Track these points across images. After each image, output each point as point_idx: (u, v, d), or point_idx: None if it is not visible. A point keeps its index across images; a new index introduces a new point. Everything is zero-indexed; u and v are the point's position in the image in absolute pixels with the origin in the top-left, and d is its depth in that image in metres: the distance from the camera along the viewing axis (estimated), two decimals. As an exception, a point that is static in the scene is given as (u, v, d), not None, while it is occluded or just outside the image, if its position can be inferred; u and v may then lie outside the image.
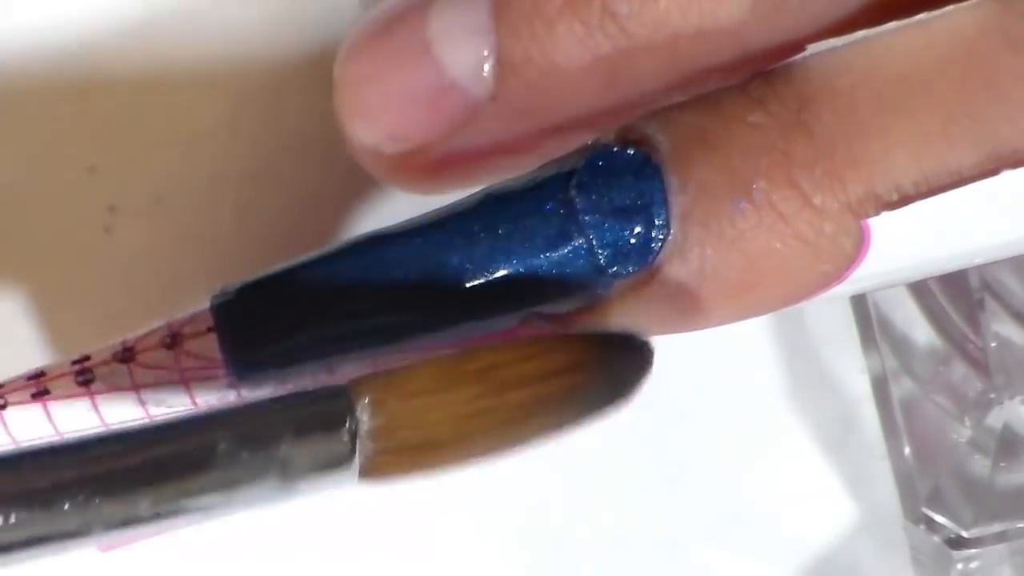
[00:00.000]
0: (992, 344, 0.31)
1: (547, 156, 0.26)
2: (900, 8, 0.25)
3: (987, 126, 0.24)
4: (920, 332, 0.32)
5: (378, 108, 0.26)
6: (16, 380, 0.26)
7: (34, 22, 0.30)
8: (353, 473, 0.23)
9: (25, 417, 0.26)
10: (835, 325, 0.32)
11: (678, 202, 0.24)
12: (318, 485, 0.23)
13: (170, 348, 0.25)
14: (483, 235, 0.25)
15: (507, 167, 0.26)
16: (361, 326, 0.25)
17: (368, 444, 0.23)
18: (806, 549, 0.33)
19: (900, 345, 0.32)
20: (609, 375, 0.24)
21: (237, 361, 0.25)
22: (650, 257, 0.25)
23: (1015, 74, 0.24)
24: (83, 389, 0.26)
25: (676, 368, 0.31)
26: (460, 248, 0.25)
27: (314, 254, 0.25)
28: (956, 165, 0.24)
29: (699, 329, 0.26)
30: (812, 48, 0.25)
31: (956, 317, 0.31)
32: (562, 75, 0.25)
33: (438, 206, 0.25)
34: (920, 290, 0.32)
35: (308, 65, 0.30)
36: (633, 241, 0.25)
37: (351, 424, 0.23)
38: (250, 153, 0.30)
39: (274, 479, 0.22)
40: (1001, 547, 0.31)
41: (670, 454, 0.32)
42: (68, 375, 0.26)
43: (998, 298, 0.31)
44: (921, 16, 0.24)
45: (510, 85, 0.26)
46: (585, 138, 0.25)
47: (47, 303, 0.30)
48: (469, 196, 0.25)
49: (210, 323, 0.25)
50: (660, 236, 0.25)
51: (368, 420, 0.23)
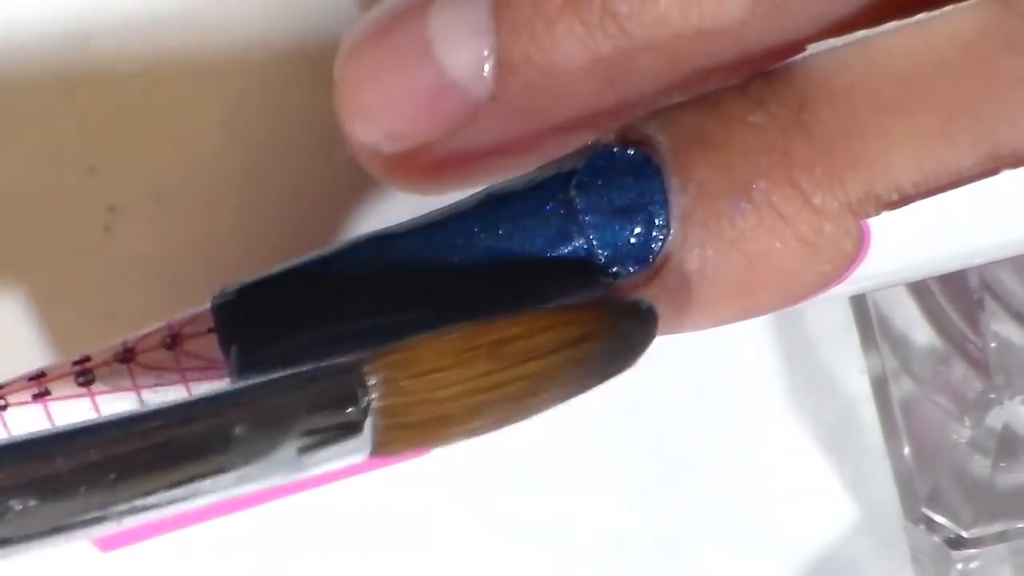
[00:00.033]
0: (992, 344, 0.31)
1: (547, 156, 0.25)
2: (900, 8, 0.25)
3: (987, 126, 0.24)
4: (920, 332, 0.32)
5: (378, 108, 0.26)
6: (17, 381, 0.26)
7: (34, 22, 0.30)
8: (365, 449, 0.23)
9: (26, 417, 0.26)
10: (835, 325, 0.32)
11: (678, 202, 0.24)
12: (331, 461, 0.23)
13: (170, 348, 0.25)
14: (483, 235, 0.25)
15: (507, 167, 0.26)
16: (361, 326, 0.25)
17: (379, 420, 0.23)
18: (806, 549, 0.33)
19: (900, 345, 0.32)
20: (619, 343, 0.24)
21: (237, 361, 0.25)
22: (650, 257, 0.25)
23: (1015, 74, 0.24)
24: (84, 390, 0.26)
25: (676, 368, 0.31)
26: (460, 248, 0.25)
27: (314, 254, 0.25)
28: (956, 165, 0.24)
29: (699, 329, 0.26)
30: (812, 48, 0.25)
31: (956, 317, 0.31)
32: (562, 75, 0.25)
33: (438, 206, 0.25)
34: (920, 290, 0.32)
35: (308, 65, 0.30)
36: (633, 241, 0.25)
37: (363, 400, 0.23)
38: (250, 153, 0.30)
39: (287, 456, 0.22)
40: (1001, 547, 0.31)
41: (670, 454, 0.32)
42: (69, 376, 0.26)
43: (998, 298, 0.31)
44: (920, 16, 0.24)
45: (510, 85, 0.26)
46: (585, 138, 0.25)
47: (47, 303, 0.30)
48: (469, 196, 0.25)
49: (210, 323, 0.25)
50: (660, 236, 0.25)
51: (379, 397, 0.23)
